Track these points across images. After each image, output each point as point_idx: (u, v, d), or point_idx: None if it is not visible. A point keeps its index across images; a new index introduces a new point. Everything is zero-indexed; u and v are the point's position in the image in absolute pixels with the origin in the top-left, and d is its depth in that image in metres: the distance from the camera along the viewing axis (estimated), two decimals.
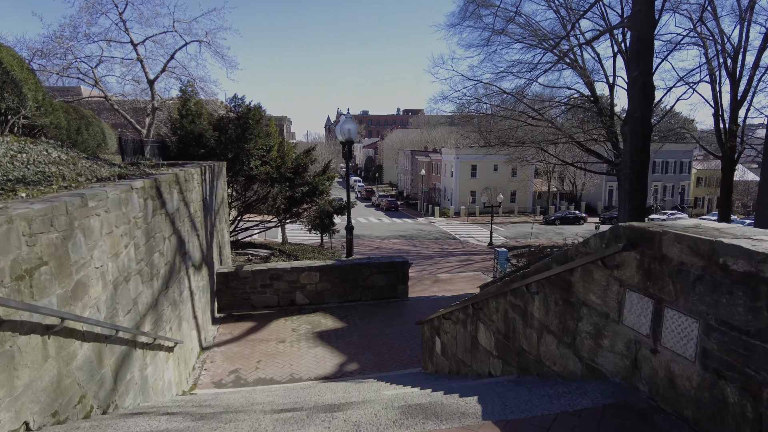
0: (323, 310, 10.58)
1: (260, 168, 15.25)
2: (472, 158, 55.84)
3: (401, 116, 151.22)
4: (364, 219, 49.99)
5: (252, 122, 14.55)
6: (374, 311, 10.49)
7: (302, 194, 16.07)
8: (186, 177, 7.96)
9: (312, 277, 10.82)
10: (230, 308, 10.62)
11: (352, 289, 11.06)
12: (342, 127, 10.87)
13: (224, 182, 12.23)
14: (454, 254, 30.86)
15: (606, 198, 58.77)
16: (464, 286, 20.93)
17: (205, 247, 9.41)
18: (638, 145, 14.27)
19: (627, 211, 14.36)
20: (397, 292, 11.32)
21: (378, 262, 11.12)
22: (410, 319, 9.97)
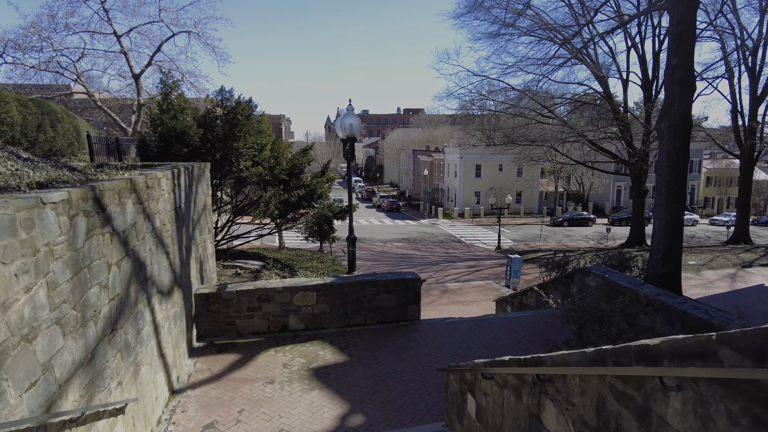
0: (321, 338, 8.98)
1: (251, 169, 13.66)
2: (476, 157, 54.21)
3: (402, 115, 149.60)
4: (365, 221, 48.40)
5: (241, 118, 12.96)
6: (381, 339, 8.89)
7: (298, 198, 14.47)
8: (148, 183, 6.36)
9: (308, 298, 9.22)
10: (212, 335, 9.03)
11: (355, 312, 9.47)
12: (342, 122, 9.27)
13: (207, 186, 10.63)
14: (461, 259, 29.26)
15: (614, 198, 57.15)
16: (477, 297, 19.33)
17: (179, 265, 7.82)
18: (677, 142, 12.64)
19: (664, 218, 12.75)
20: (407, 314, 9.73)
21: (385, 279, 9.52)
22: (425, 350, 8.37)
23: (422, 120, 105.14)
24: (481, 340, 8.79)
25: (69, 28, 19.59)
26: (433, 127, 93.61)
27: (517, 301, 13.60)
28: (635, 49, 33.09)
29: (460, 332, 9.17)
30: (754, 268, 25.48)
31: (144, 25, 19.88)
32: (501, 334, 9.08)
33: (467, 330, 9.28)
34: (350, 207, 9.99)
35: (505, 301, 14.49)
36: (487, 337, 8.92)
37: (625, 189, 57.24)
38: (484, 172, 54.83)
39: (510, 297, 14.10)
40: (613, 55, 32.84)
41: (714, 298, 19.22)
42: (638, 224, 32.41)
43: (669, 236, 12.54)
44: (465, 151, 54.92)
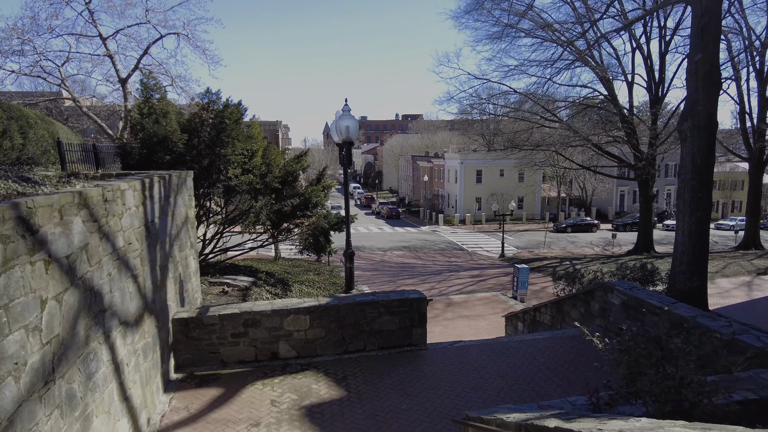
0: (315, 368, 7.95)
1: (241, 177, 12.68)
2: (477, 163, 53.33)
3: (400, 121, 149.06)
4: (364, 228, 47.39)
5: (229, 122, 11.99)
6: (383, 368, 7.86)
7: (292, 207, 13.47)
8: (106, 196, 5.36)
9: (300, 322, 8.20)
10: (192, 365, 8.00)
11: (354, 336, 8.45)
12: (338, 124, 8.30)
13: (190, 197, 9.64)
14: (464, 268, 28.24)
15: (617, 203, 56.23)
16: (483, 311, 18.31)
17: (151, 289, 6.81)
18: (702, 144, 11.66)
19: (688, 227, 11.74)
20: (411, 338, 8.71)
21: (386, 299, 8.51)
22: (434, 383, 7.34)
23: (421, 126, 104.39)
24: (497, 369, 7.76)
25: (53, 30, 18.68)
26: (432, 133, 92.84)
27: (530, 317, 12.59)
28: (640, 50, 32.27)
29: (472, 359, 8.15)
30: (767, 276, 24.49)
31: (131, 27, 18.98)
32: (518, 361, 8.06)
33: (480, 356, 8.26)
34: (347, 218, 9.00)
35: (515, 317, 13.47)
36: (503, 365, 7.90)
37: (628, 194, 56.33)
38: (485, 177, 53.92)
39: (521, 313, 13.08)
40: (618, 57, 32.01)
41: (732, 309, 18.21)
42: (646, 230, 31.46)
43: (694, 247, 11.55)
44: (465, 156, 54.04)
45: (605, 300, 9.42)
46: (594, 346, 8.77)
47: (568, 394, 6.92)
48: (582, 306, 10.27)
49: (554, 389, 7.08)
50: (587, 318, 10.14)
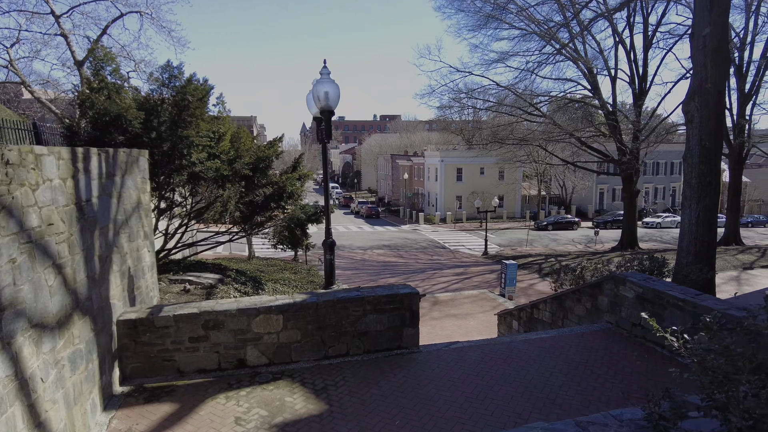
0: (289, 376, 6.74)
1: (206, 163, 11.35)
2: (457, 161, 52.61)
3: (378, 122, 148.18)
4: (343, 227, 46.13)
5: (192, 100, 10.67)
6: (371, 376, 6.70)
7: (265, 198, 12.17)
8: (9, 158, 4.08)
9: (271, 322, 6.98)
10: (142, 376, 6.69)
11: (335, 339, 7.26)
12: (316, 90, 7.10)
13: (143, 180, 8.31)
14: (448, 266, 27.25)
15: (597, 201, 56.24)
16: (472, 309, 17.30)
17: (85, 283, 5.50)
18: (711, 126, 10.82)
19: (696, 215, 10.88)
20: (402, 339, 7.56)
21: (373, 295, 7.35)
22: (431, 392, 6.21)
23: (399, 126, 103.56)
24: (502, 373, 6.68)
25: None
26: (410, 132, 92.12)
27: (526, 315, 11.58)
28: (623, 45, 31.90)
29: (473, 362, 7.05)
30: (756, 270, 24.19)
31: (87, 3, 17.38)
32: (525, 364, 6.99)
33: (481, 359, 7.17)
34: (327, 205, 7.80)
35: (509, 315, 12.46)
36: (508, 369, 6.82)
37: (608, 192, 56.41)
38: (466, 175, 53.23)
39: (517, 310, 12.07)
40: (601, 50, 31.55)
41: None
42: (630, 226, 31.04)
43: (703, 236, 10.70)
44: (446, 154, 53.27)
45: (616, 293, 8.44)
46: (608, 345, 7.79)
47: (589, 403, 5.87)
48: (588, 301, 9.28)
49: (573, 397, 6.02)
50: (594, 314, 9.16)
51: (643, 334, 7.84)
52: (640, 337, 7.88)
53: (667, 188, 57.38)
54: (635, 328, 8.01)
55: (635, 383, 6.36)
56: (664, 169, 56.73)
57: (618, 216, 47.22)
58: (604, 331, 8.28)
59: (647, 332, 7.75)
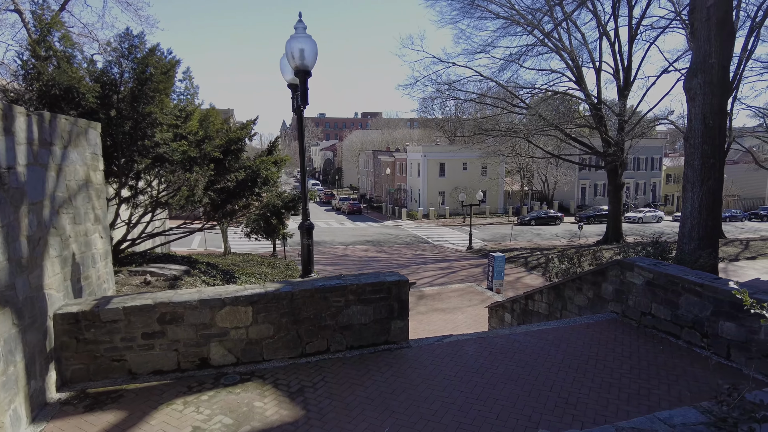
0: (260, 377, 5.82)
1: (172, 144, 10.31)
2: (440, 156, 52.01)
3: (359, 119, 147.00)
4: (324, 224, 45.10)
5: (155, 72, 9.63)
6: (355, 376, 5.82)
7: (237, 183, 11.17)
8: None
9: (239, 315, 6.04)
10: (86, 379, 5.70)
11: (313, 334, 6.36)
12: (290, 47, 6.17)
13: (94, 156, 7.29)
14: (432, 261, 26.50)
15: (579, 197, 56.26)
16: (459, 303, 16.54)
17: (4, 269, 4.51)
18: (714, 103, 10.18)
19: (699, 198, 10.25)
20: (390, 333, 6.70)
21: (357, 283, 6.47)
22: (425, 392, 5.36)
23: (381, 123, 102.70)
24: (504, 370, 5.87)
25: None
26: (392, 129, 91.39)
27: (520, 307, 10.83)
28: (607, 37, 31.60)
29: (470, 357, 6.23)
30: (741, 262, 24.02)
31: None
32: (529, 358, 6.20)
33: (479, 353, 6.36)
34: (304, 185, 6.87)
35: (501, 307, 11.70)
36: (511, 365, 6.01)
37: (590, 187, 56.48)
38: (448, 170, 52.64)
39: (509, 302, 11.32)
40: (586, 42, 31.18)
41: None
42: (615, 219, 30.74)
43: (706, 221, 10.09)
44: (428, 149, 52.63)
45: (622, 280, 7.72)
46: (618, 337, 7.05)
47: (607, 402, 5.10)
48: (590, 289, 8.55)
49: (587, 395, 5.24)
50: (596, 304, 8.43)
51: (654, 324, 7.13)
52: (651, 327, 7.17)
53: (647, 184, 57.72)
54: (645, 317, 7.29)
55: (655, 378, 5.62)
56: (645, 165, 57.04)
57: (600, 211, 47.21)
58: (609, 322, 7.56)
59: (659, 322, 7.04)
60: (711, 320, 6.26)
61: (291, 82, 7.05)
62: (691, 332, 6.54)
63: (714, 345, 6.24)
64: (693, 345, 6.50)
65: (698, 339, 6.44)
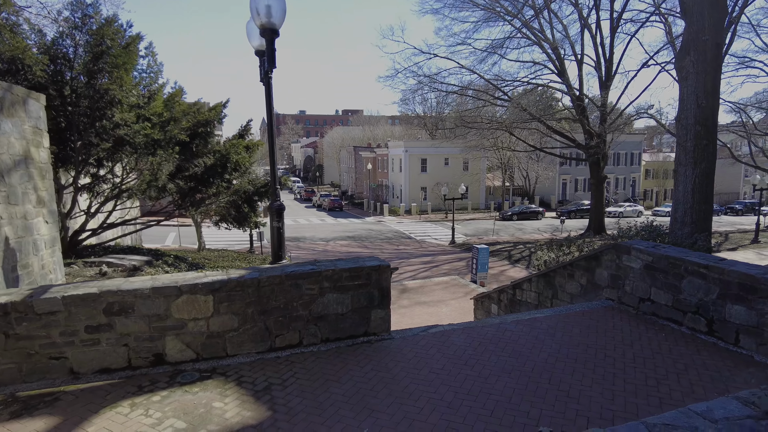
0: (223, 374, 5.13)
1: (134, 125, 9.50)
2: (422, 151, 51.57)
3: (340, 116, 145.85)
4: (304, 220, 44.26)
5: (113, 45, 8.81)
6: (330, 371, 5.18)
7: (205, 168, 10.40)
8: None
9: (198, 305, 5.34)
10: (18, 381, 4.95)
11: (284, 325, 5.69)
12: (256, 3, 5.47)
13: (36, 131, 6.50)
14: (415, 255, 25.96)
15: (560, 192, 56.43)
16: (443, 296, 15.99)
17: None
18: (707, 82, 9.78)
19: (692, 180, 9.85)
20: (369, 324, 6.07)
21: (332, 269, 5.82)
22: (409, 387, 4.75)
23: (362, 120, 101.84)
24: (497, 361, 5.29)
25: None
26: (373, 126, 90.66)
27: (507, 297, 10.31)
28: (588, 30, 31.47)
29: (458, 349, 5.63)
30: (723, 253, 24.04)
31: None
32: (522, 349, 5.63)
33: (468, 344, 5.77)
34: (273, 159, 6.19)
35: (487, 298, 11.17)
36: (504, 356, 5.44)
37: (570, 182, 56.69)
38: (430, 166, 52.22)
39: (496, 292, 10.78)
40: (568, 34, 30.97)
41: None
42: (597, 212, 30.60)
43: (699, 204, 9.69)
44: (410, 144, 52.16)
45: (618, 265, 7.23)
46: (616, 324, 6.55)
47: (613, 395, 4.56)
48: (583, 276, 8.05)
49: (590, 387, 4.70)
50: (590, 291, 7.94)
51: (653, 310, 6.64)
52: (650, 314, 6.68)
53: (627, 178, 58.18)
54: (643, 303, 6.80)
55: (662, 367, 5.10)
56: (625, 160, 57.47)
57: (581, 206, 47.37)
58: (606, 309, 7.05)
59: (659, 308, 6.56)
60: (717, 304, 5.79)
61: (258, 48, 6.36)
62: (695, 318, 6.05)
63: (721, 330, 5.76)
64: (697, 331, 6.02)
65: (703, 325, 5.96)
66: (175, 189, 10.30)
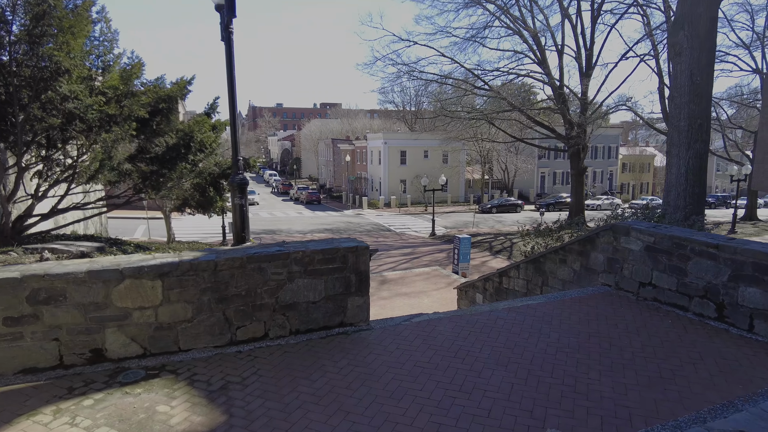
0: (173, 372, 4.38)
1: (86, 99, 8.55)
2: (401, 143, 50.94)
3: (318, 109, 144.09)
4: (281, 213, 43.26)
5: (58, 5, 7.86)
6: (298, 367, 4.47)
7: (167, 148, 9.52)
8: None
9: (145, 292, 4.56)
10: None
11: (246, 315, 4.95)
12: None
13: None
14: (394, 247, 25.34)
15: (538, 185, 56.56)
16: (425, 287, 15.38)
17: None
18: (702, 58, 9.28)
19: (685, 162, 9.34)
20: (346, 313, 5.37)
21: (303, 250, 5.10)
22: (391, 384, 4.08)
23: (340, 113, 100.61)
24: (491, 354, 4.66)
25: None
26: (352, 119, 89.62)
27: (493, 285, 9.73)
28: (569, 19, 31.17)
29: (446, 340, 4.98)
30: None
31: None
32: (519, 339, 5.02)
33: (456, 334, 5.12)
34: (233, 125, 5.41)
35: (472, 287, 10.59)
36: (498, 347, 4.81)
37: (548, 175, 56.84)
38: (410, 158, 51.63)
39: (481, 281, 10.20)
40: (548, 24, 30.63)
41: None
42: (578, 204, 30.44)
43: (693, 187, 9.27)
44: (389, 136, 51.48)
45: (615, 247, 6.68)
46: (617, 311, 5.99)
47: (626, 389, 3.96)
48: (576, 260, 7.50)
49: (599, 380, 4.10)
50: (584, 277, 7.39)
51: (655, 296, 6.11)
52: (652, 299, 6.15)
53: (605, 172, 58.64)
54: (644, 288, 6.26)
55: (674, 357, 4.55)
56: (602, 154, 57.89)
57: (560, 199, 47.44)
58: (603, 295, 6.50)
59: (661, 293, 6.02)
60: (729, 287, 5.26)
61: (218, 2, 5.57)
62: (703, 302, 5.53)
63: (732, 316, 5.24)
64: (705, 317, 5.50)
65: (712, 310, 5.44)
66: (134, 170, 9.38)
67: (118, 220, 29.03)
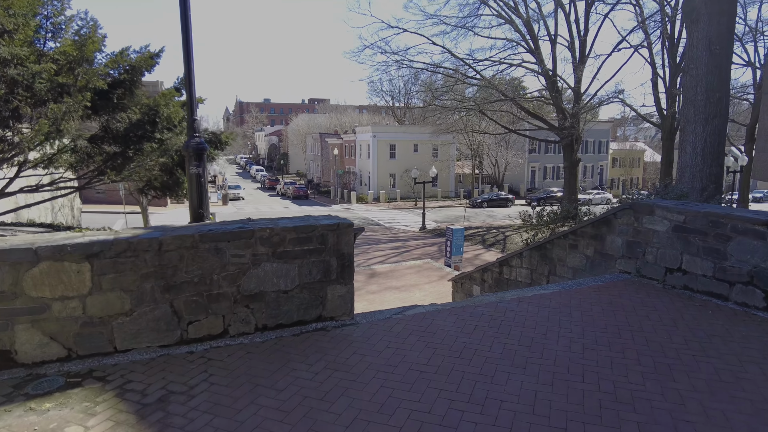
0: (100, 380, 3.42)
1: (32, 66, 7.51)
2: (390, 137, 50.00)
3: (306, 105, 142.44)
4: (267, 207, 42.14)
5: None
6: (263, 372, 3.53)
7: (130, 125, 8.50)
8: None
9: (68, 277, 3.59)
10: None
11: (200, 307, 4.00)
12: None
13: None
14: (384, 241, 24.45)
15: (528, 180, 56.00)
16: (417, 280, 14.49)
17: None
18: (722, 25, 8.50)
19: (702, 139, 8.45)
20: (325, 305, 4.45)
21: (272, 227, 4.15)
22: (380, 393, 3.16)
23: (329, 108, 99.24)
24: (503, 352, 3.77)
25: None
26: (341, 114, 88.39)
27: (492, 276, 8.86)
28: (562, 9, 30.46)
29: (447, 336, 4.08)
30: None
31: None
32: (535, 334, 4.13)
33: (460, 329, 4.22)
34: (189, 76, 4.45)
35: (469, 279, 9.71)
36: (511, 344, 3.92)
37: (539, 170, 56.31)
38: (399, 152, 50.67)
39: (479, 272, 9.32)
40: (542, 13, 29.88)
41: None
42: (571, 197, 29.74)
43: (710, 168, 8.46)
44: (378, 129, 50.49)
45: (636, 229, 5.83)
46: (645, 301, 5.11)
47: (683, 399, 3.09)
48: (590, 245, 6.64)
49: (644, 386, 3.23)
50: (598, 263, 6.54)
51: (686, 283, 5.27)
52: (682, 288, 5.30)
53: (595, 167, 58.22)
54: (672, 275, 5.42)
55: (730, 355, 3.69)
56: (593, 148, 57.45)
57: (551, 193, 46.86)
58: (624, 283, 5.65)
59: (694, 279, 5.18)
60: None
61: None
62: (747, 290, 4.70)
63: None
64: (751, 307, 4.67)
65: (760, 299, 4.61)
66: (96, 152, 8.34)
67: (94, 214, 27.78)
